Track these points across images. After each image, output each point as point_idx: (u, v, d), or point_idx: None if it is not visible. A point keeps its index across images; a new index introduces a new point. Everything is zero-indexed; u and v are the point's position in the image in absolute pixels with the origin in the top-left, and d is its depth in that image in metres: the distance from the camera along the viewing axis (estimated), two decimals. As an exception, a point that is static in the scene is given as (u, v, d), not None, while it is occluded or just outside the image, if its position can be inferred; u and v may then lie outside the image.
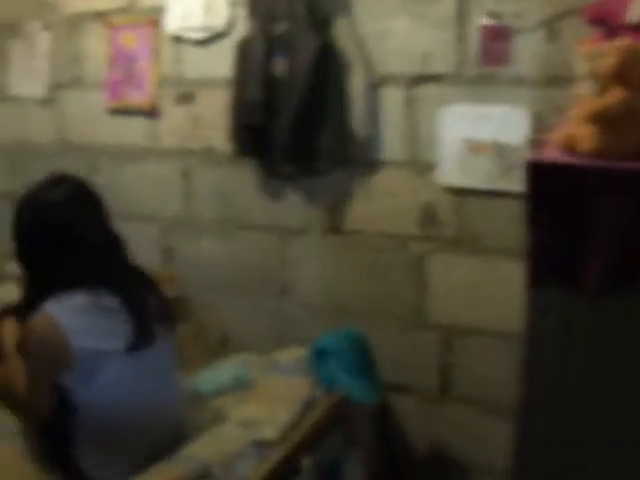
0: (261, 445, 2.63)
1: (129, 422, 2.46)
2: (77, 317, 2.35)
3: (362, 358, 3.00)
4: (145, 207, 3.74)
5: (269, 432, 2.68)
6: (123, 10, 3.59)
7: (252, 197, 3.44)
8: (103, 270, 2.45)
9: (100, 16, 3.65)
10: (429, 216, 3.04)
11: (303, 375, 3.00)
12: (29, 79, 3.94)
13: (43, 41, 3.84)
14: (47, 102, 3.93)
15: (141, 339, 2.43)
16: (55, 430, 2.50)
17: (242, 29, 3.25)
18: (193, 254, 3.65)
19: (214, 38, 3.38)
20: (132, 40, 3.51)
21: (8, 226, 2.47)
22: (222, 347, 3.50)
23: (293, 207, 3.35)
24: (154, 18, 3.49)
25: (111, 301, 2.41)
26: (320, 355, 2.97)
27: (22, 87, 3.99)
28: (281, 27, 3.07)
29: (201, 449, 2.55)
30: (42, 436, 2.57)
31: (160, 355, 2.55)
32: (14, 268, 2.57)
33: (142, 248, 3.60)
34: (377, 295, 3.23)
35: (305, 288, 3.41)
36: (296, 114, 3.06)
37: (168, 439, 2.57)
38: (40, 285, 2.46)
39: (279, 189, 3.37)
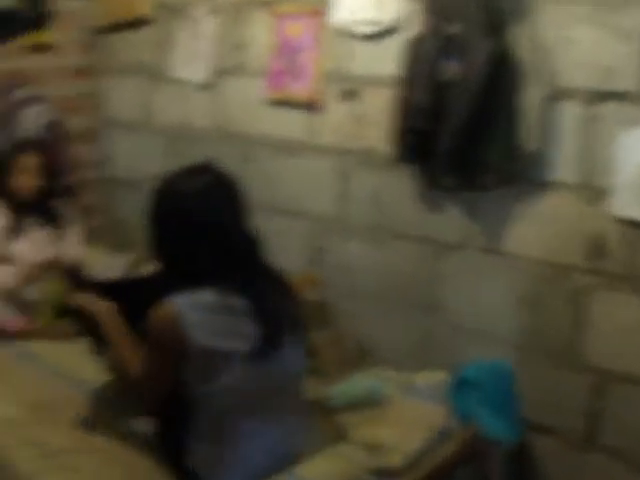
0: (384, 473, 2.50)
1: (245, 428, 2.38)
2: (201, 314, 2.28)
3: (504, 394, 2.81)
4: (297, 204, 3.63)
5: (395, 459, 2.54)
6: (289, -2, 3.49)
7: (409, 206, 3.27)
8: (234, 268, 2.36)
9: (266, 4, 3.56)
10: (597, 248, 2.77)
11: (439, 402, 2.85)
12: (192, 63, 3.91)
13: (208, 25, 3.80)
14: (208, 87, 3.89)
15: (268, 344, 2.34)
16: (170, 424, 2.46)
17: (413, 26, 3.06)
18: (341, 258, 3.51)
19: (383, 34, 3.21)
20: (297, 30, 3.39)
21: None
22: (359, 358, 3.37)
23: (451, 221, 3.16)
24: (320, 9, 3.36)
25: (239, 302, 2.32)
26: (461, 384, 2.80)
27: (185, 70, 3.97)
28: (455, 28, 2.87)
29: (317, 470, 2.45)
30: (156, 429, 2.55)
31: (287, 363, 2.44)
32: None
33: (289, 245, 3.57)
34: (529, 326, 2.99)
35: (454, 307, 3.21)
36: (464, 122, 2.86)
37: (285, 451, 2.49)
38: (169, 275, 2.42)
39: (438, 201, 3.18)
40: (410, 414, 2.81)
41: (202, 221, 2.33)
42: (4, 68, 4.16)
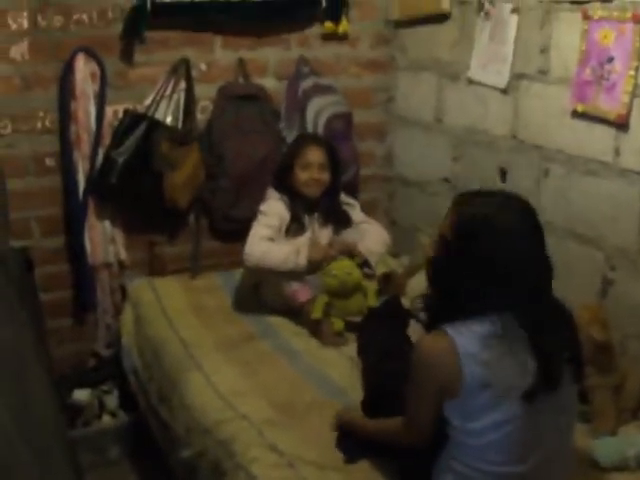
0: None
1: (502, 474, 2.22)
2: (478, 344, 2.16)
3: None
4: (592, 229, 3.33)
5: None
6: (604, 1, 3.11)
7: None
8: (520, 298, 2.20)
9: (577, 5, 3.22)
10: None
11: None
12: (492, 65, 3.69)
13: (512, 26, 3.55)
14: (506, 92, 3.66)
15: (543, 383, 2.17)
16: (419, 457, 2.39)
17: None
18: (634, 295, 3.17)
19: None
20: (609, 37, 3.03)
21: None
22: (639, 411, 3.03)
23: None
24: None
25: (517, 333, 2.18)
26: None
27: (483, 72, 3.77)
28: None
29: None
30: (403, 458, 2.51)
31: (559, 405, 2.26)
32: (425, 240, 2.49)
33: (576, 273, 3.30)
34: None
35: None
36: None
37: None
38: (447, 302, 2.30)
39: None
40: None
41: (501, 259, 2.19)
42: (296, 55, 4.25)
